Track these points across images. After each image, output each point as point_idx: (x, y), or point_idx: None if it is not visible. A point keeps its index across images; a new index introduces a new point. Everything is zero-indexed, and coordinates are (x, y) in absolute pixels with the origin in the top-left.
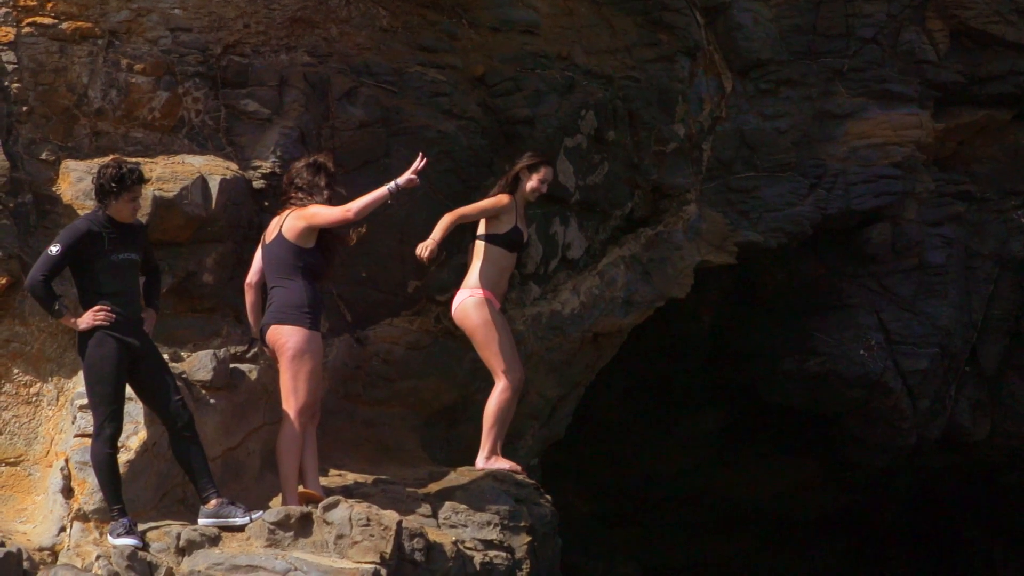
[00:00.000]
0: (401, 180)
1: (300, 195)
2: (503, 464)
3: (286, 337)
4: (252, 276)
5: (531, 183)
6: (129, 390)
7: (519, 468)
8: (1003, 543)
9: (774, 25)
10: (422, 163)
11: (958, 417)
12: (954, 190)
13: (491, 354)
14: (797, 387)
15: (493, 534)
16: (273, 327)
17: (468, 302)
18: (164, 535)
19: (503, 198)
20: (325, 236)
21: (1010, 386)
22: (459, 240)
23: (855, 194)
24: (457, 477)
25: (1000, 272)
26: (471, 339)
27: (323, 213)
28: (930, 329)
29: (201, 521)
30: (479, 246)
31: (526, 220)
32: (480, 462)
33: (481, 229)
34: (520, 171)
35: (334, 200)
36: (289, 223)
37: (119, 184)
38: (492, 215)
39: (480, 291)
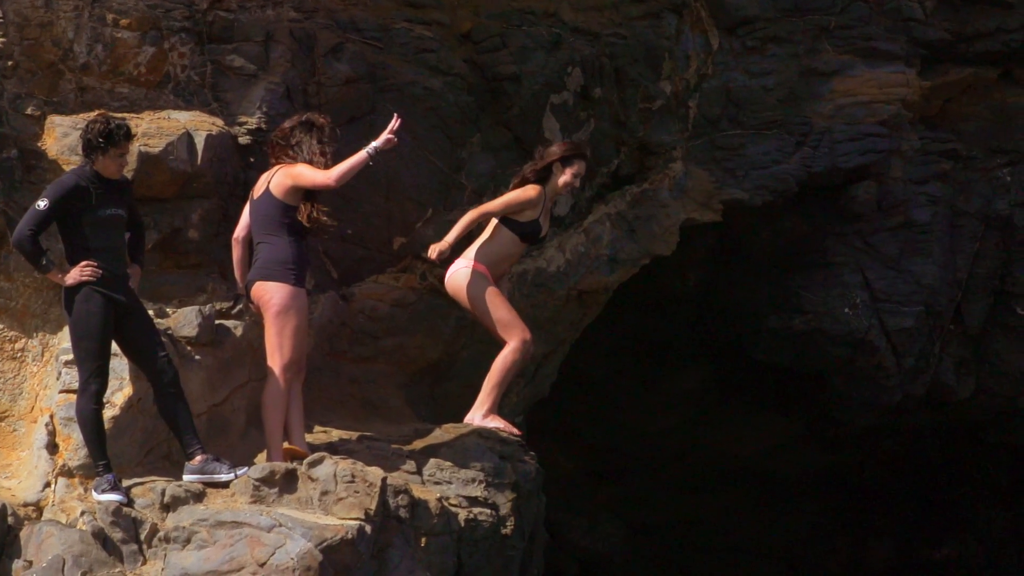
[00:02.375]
0: (378, 142)
1: (291, 152)
2: (499, 423)
3: (271, 293)
4: (239, 231)
5: (564, 177)
6: (114, 346)
7: (515, 429)
8: (986, 502)
9: None
10: (397, 123)
11: (942, 375)
12: (940, 148)
13: (491, 322)
14: (782, 345)
15: (478, 491)
16: (258, 283)
17: (460, 273)
18: (149, 491)
19: (531, 191)
20: (312, 193)
21: (994, 345)
22: (446, 197)
23: (841, 152)
24: (442, 434)
25: (985, 231)
26: (469, 309)
27: (307, 175)
28: (915, 287)
29: (186, 477)
30: (494, 222)
31: (551, 213)
32: (476, 418)
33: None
34: (553, 163)
35: (328, 162)
36: (277, 179)
37: (107, 140)
38: (517, 210)
39: (474, 263)
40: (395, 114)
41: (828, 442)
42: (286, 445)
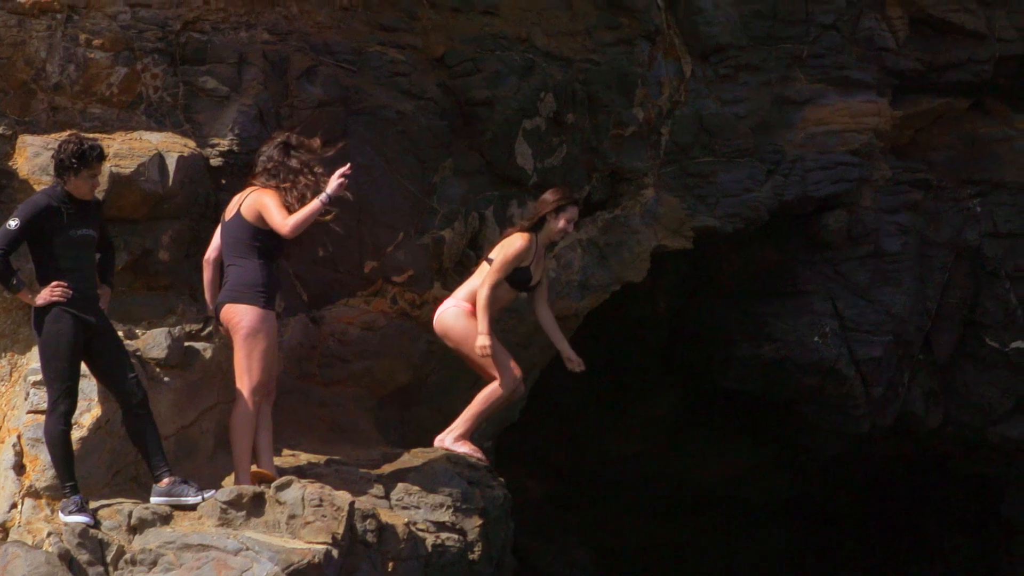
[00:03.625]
0: (330, 189)
1: (265, 176)
2: (467, 449)
3: (240, 316)
4: (211, 253)
5: (559, 224)
6: (83, 367)
7: (483, 456)
8: (953, 531)
9: (734, 10)
10: (348, 170)
11: (911, 405)
12: (911, 178)
13: (480, 362)
14: (751, 372)
15: (446, 516)
16: (227, 306)
17: (449, 312)
18: (116, 513)
19: (519, 242)
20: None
21: (963, 375)
22: (417, 221)
23: (812, 180)
24: (410, 459)
25: (955, 261)
26: (456, 351)
27: (271, 210)
28: (884, 317)
29: (153, 499)
30: (483, 266)
31: (544, 258)
32: (447, 440)
33: (492, 254)
34: (547, 214)
35: (309, 184)
36: (248, 203)
37: (80, 160)
38: (515, 266)
39: (465, 304)
40: (349, 163)
41: (797, 470)
42: (254, 468)
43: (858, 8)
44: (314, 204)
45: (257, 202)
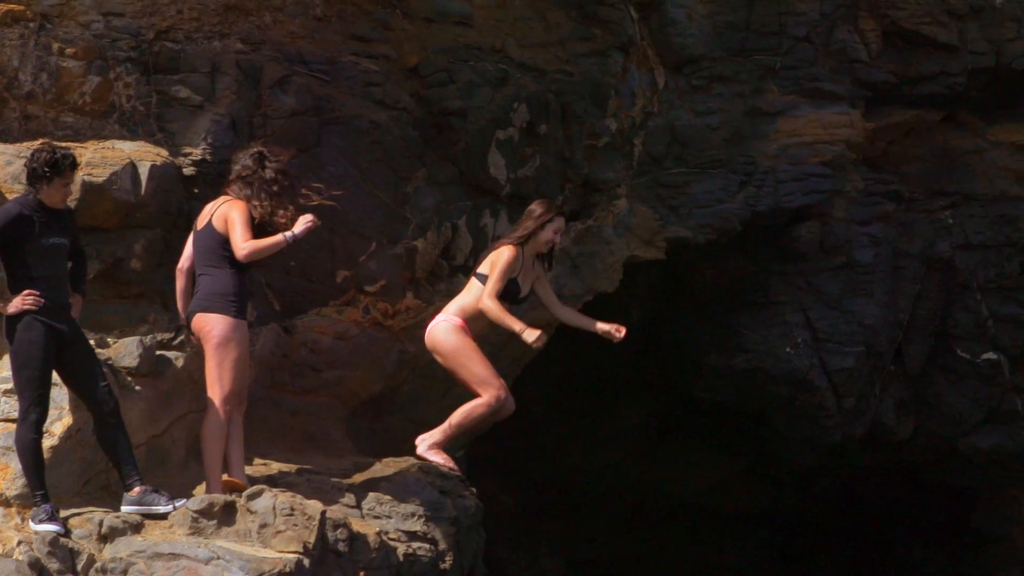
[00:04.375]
0: (298, 230)
1: (239, 185)
2: (439, 458)
3: (211, 325)
4: (184, 262)
5: (545, 235)
6: (55, 375)
7: (454, 466)
8: (924, 542)
9: (707, 22)
10: (316, 222)
11: (882, 416)
12: (883, 189)
13: (467, 377)
14: (724, 383)
15: (417, 525)
16: (199, 315)
17: (439, 327)
18: (86, 522)
19: (507, 255)
20: (255, 228)
21: (934, 386)
22: (390, 231)
23: (784, 192)
24: (382, 468)
25: (927, 272)
26: (445, 366)
27: (235, 227)
28: (856, 328)
29: (124, 508)
30: (473, 282)
31: (533, 270)
32: (423, 446)
33: (482, 268)
34: (535, 230)
35: (283, 194)
36: (219, 213)
37: (53, 169)
38: (509, 274)
39: (455, 318)
40: (312, 216)
41: (769, 481)
42: (225, 477)
43: (831, 20)
44: (277, 238)
45: (226, 214)
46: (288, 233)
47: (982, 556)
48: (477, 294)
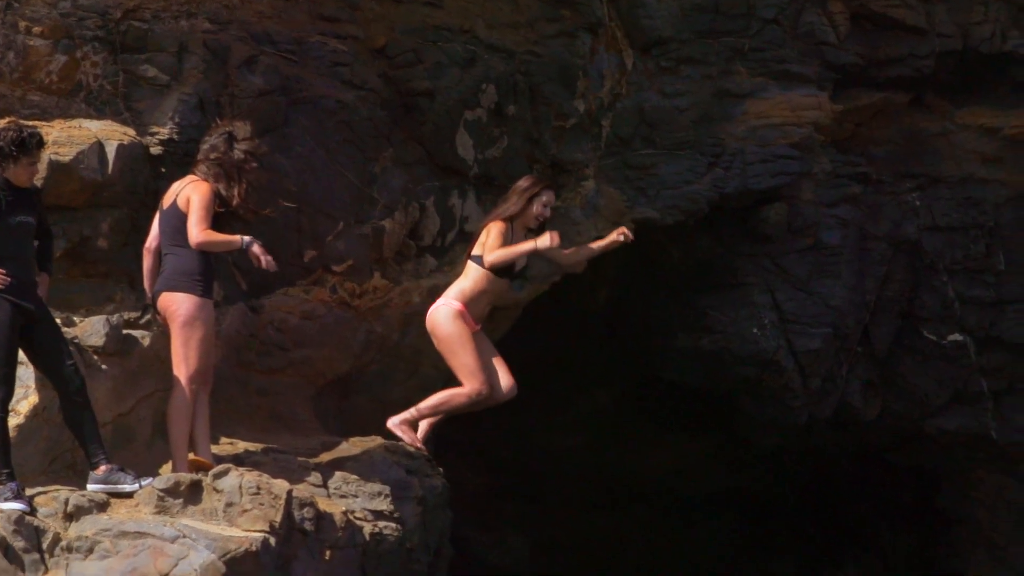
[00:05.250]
0: (256, 249)
1: (206, 165)
2: (406, 437)
3: (177, 304)
4: (151, 241)
5: (534, 208)
6: (20, 354)
7: (421, 445)
8: (890, 524)
9: (676, 3)
10: (264, 260)
11: (849, 397)
12: (850, 172)
13: (456, 365)
14: (690, 364)
15: (383, 505)
16: (165, 294)
17: (440, 311)
18: (52, 500)
19: (496, 230)
20: (219, 207)
21: (901, 367)
22: (357, 211)
23: (752, 173)
24: (349, 447)
25: (894, 254)
26: (438, 348)
27: (193, 211)
28: (823, 309)
29: (90, 487)
30: (469, 265)
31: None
32: (395, 420)
33: (475, 250)
34: (524, 203)
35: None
36: (184, 194)
37: (20, 148)
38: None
39: (455, 303)
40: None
41: (735, 462)
42: (191, 456)
43: (799, 3)
44: (233, 239)
45: (189, 195)
46: (246, 239)
47: (948, 537)
48: (475, 276)
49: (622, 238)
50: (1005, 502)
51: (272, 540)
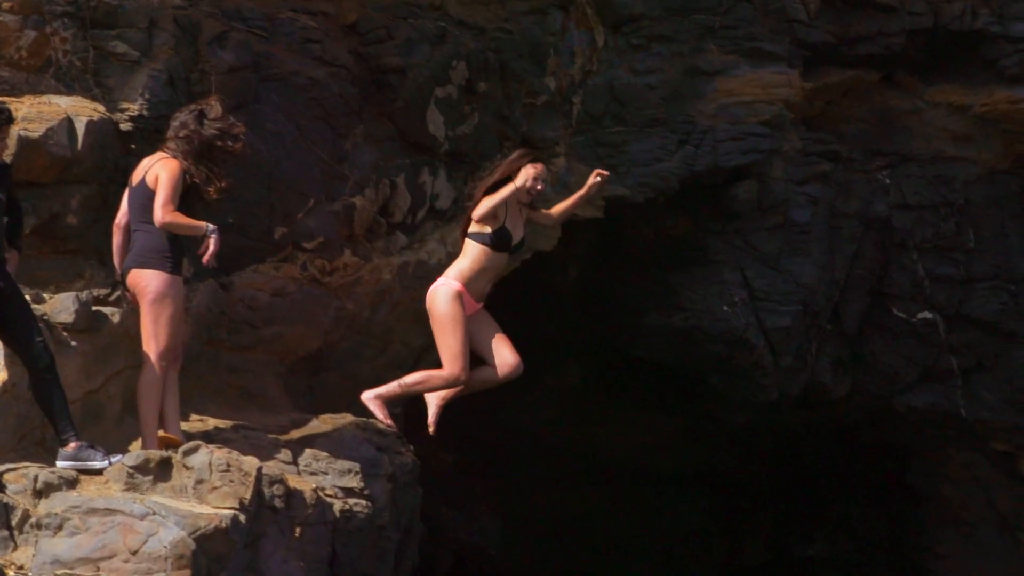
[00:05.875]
0: (211, 240)
1: (176, 143)
2: (378, 412)
3: (146, 281)
4: (120, 218)
5: (525, 183)
6: None
7: (391, 423)
8: (860, 501)
9: None
10: (211, 254)
11: (819, 375)
12: (821, 149)
13: (441, 345)
14: (661, 342)
15: (353, 482)
16: (134, 271)
17: (438, 290)
18: (21, 477)
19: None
20: (187, 185)
21: (871, 345)
22: (328, 188)
23: (723, 151)
24: (319, 424)
25: (864, 232)
26: (431, 325)
27: (161, 189)
28: (793, 287)
29: (59, 464)
30: (466, 243)
31: (520, 217)
32: (369, 394)
33: (471, 228)
34: (512, 174)
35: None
36: (153, 171)
37: None
38: (491, 216)
39: (455, 283)
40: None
41: (706, 440)
42: (161, 433)
43: None
44: (198, 224)
45: (157, 172)
46: (210, 227)
47: (917, 514)
48: (473, 254)
49: (599, 179)
50: (974, 479)
51: (242, 517)
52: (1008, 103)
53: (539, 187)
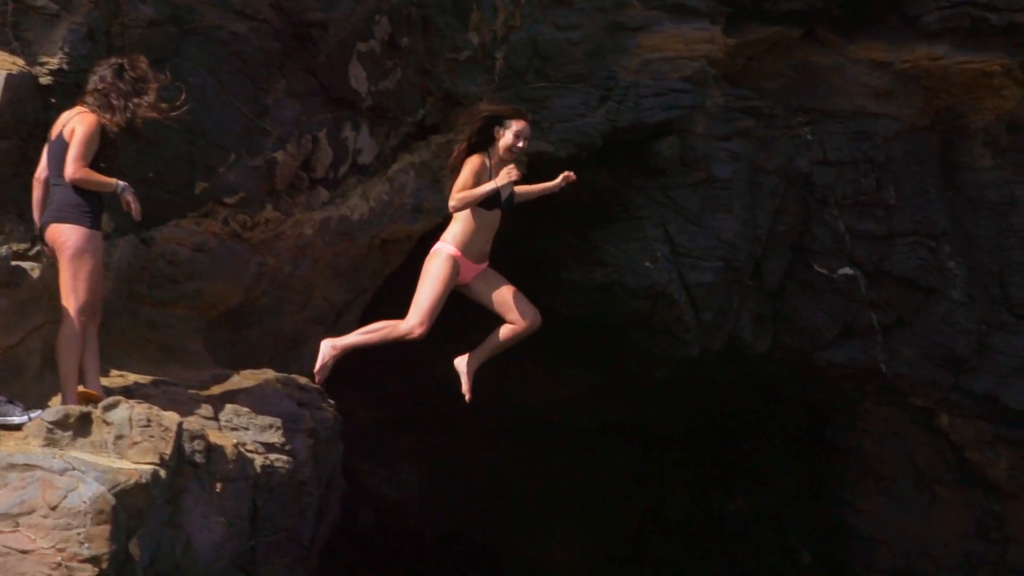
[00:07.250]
0: (128, 196)
1: (94, 97)
2: (328, 360)
3: (65, 236)
4: (40, 172)
5: (503, 139)
6: None
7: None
8: (780, 455)
9: None
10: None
11: (740, 330)
12: (743, 105)
13: (417, 296)
14: (583, 297)
15: (274, 437)
16: (52, 225)
17: (441, 250)
18: None
19: (474, 161)
20: (105, 139)
21: (792, 301)
22: (249, 143)
23: (645, 107)
24: (240, 380)
25: (786, 187)
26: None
27: (75, 143)
28: (715, 243)
29: None
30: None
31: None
32: (327, 341)
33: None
34: (493, 128)
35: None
36: (70, 125)
37: None
38: (474, 182)
39: (450, 247)
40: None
41: (627, 395)
42: (81, 388)
43: None
44: (109, 181)
45: (74, 127)
46: (120, 184)
47: (837, 468)
48: (464, 217)
49: (565, 183)
50: (892, 434)
51: (162, 472)
52: (929, 59)
53: (520, 144)
